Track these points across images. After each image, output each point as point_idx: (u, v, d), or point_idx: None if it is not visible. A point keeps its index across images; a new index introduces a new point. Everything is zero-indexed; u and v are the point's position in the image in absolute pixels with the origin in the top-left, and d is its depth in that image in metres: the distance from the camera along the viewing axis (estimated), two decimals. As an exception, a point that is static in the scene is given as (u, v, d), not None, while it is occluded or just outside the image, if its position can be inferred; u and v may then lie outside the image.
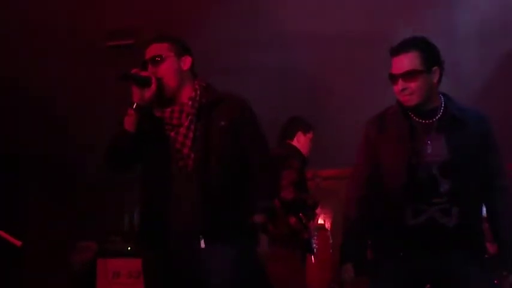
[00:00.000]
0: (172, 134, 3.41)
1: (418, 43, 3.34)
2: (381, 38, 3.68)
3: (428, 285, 3.49)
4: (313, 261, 5.84)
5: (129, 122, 3.36)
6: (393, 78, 3.30)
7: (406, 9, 5.40)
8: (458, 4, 5.57)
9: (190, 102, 3.43)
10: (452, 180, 3.27)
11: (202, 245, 3.34)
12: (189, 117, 3.40)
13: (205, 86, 3.53)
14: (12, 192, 7.14)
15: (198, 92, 3.47)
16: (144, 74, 3.35)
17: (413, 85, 3.27)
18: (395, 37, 3.46)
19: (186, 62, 3.49)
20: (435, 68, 3.31)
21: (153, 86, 3.32)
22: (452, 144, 3.29)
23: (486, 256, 3.53)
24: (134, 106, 3.33)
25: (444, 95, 3.41)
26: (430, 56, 3.32)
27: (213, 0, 5.51)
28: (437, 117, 3.32)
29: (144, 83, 3.31)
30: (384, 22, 5.44)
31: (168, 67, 3.43)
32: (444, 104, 3.37)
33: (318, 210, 5.51)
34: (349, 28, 5.75)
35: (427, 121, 3.33)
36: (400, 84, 3.27)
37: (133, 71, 3.33)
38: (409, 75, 3.27)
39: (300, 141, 5.49)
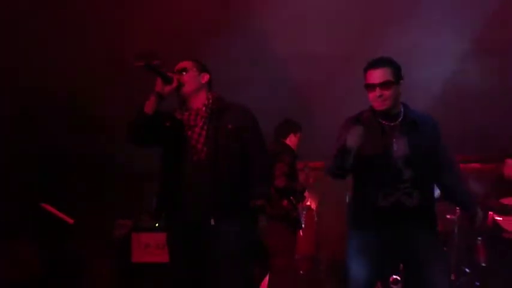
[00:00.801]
0: (189, 132, 3.47)
1: (389, 61, 3.38)
2: (355, 58, 3.67)
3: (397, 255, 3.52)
4: (301, 234, 5.86)
5: (149, 106, 3.41)
6: (371, 86, 3.32)
7: (377, 34, 5.37)
8: (415, 32, 5.51)
9: (204, 108, 3.50)
10: (413, 170, 3.32)
11: (212, 222, 3.39)
12: (203, 120, 3.47)
13: (217, 96, 3.59)
14: (64, 182, 7.14)
15: (211, 101, 3.54)
16: (169, 74, 3.43)
17: (387, 93, 3.30)
18: (368, 56, 3.48)
19: (205, 77, 3.58)
20: (401, 81, 3.35)
21: (174, 84, 3.40)
22: (412, 142, 3.33)
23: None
24: (155, 93, 3.40)
25: (402, 102, 3.44)
26: (397, 71, 3.36)
27: (218, 23, 5.46)
28: (399, 120, 3.34)
29: (167, 79, 3.40)
30: (360, 43, 5.40)
31: (190, 77, 3.51)
32: (404, 110, 3.41)
33: (305, 194, 5.52)
34: (330, 48, 5.71)
35: (392, 124, 3.35)
36: (378, 92, 3.30)
37: (155, 62, 3.40)
38: (385, 84, 3.30)
39: (292, 140, 5.52)
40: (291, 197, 5.25)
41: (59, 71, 5.89)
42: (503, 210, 6.41)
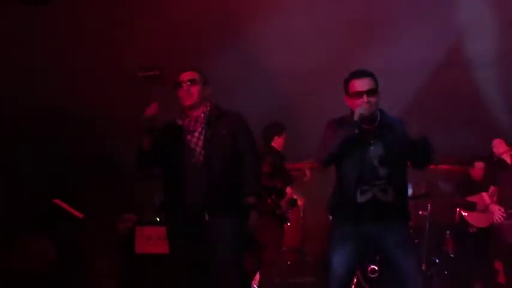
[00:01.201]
0: (188, 137, 3.47)
1: (371, 72, 3.39)
2: (338, 73, 3.66)
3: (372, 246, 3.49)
4: (288, 228, 5.83)
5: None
6: (359, 94, 3.30)
7: (356, 52, 5.35)
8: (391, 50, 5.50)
9: (202, 115, 3.51)
10: (387, 168, 3.29)
11: (207, 217, 3.38)
12: (202, 125, 3.48)
13: (215, 105, 3.60)
14: (75, 181, 7.09)
15: (209, 108, 3.55)
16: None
17: (373, 100, 3.31)
18: (347, 72, 3.46)
19: (208, 89, 3.59)
20: (379, 90, 3.34)
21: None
22: (387, 142, 3.33)
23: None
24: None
25: (379, 108, 3.44)
26: (377, 82, 3.37)
27: (213, 42, 5.41)
28: (376, 124, 3.31)
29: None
30: (340, 60, 5.38)
31: (197, 89, 3.51)
32: (380, 114, 3.40)
33: (287, 191, 5.43)
34: (316, 62, 5.69)
35: (371, 127, 3.30)
36: (365, 98, 3.27)
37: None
38: (371, 92, 3.31)
39: (277, 142, 5.47)
40: (273, 196, 5.20)
41: (60, 72, 5.81)
42: (469, 207, 6.39)
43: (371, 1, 4.95)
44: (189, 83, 3.48)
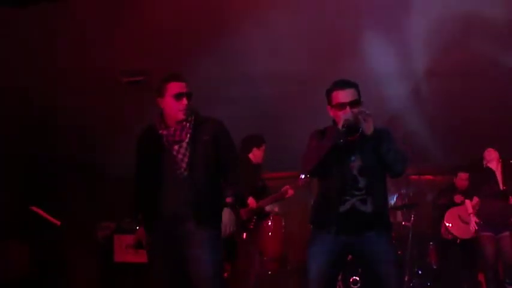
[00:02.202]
0: (175, 147, 3.37)
1: (354, 83, 3.35)
2: (320, 79, 3.65)
3: (350, 256, 3.48)
4: (269, 236, 5.84)
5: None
6: (342, 105, 3.27)
7: (340, 57, 5.36)
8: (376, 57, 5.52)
9: (188, 124, 3.41)
10: (366, 178, 3.26)
11: (190, 227, 3.33)
12: (188, 135, 3.39)
13: (196, 112, 3.50)
14: (52, 186, 7.00)
15: (193, 117, 3.45)
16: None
17: (356, 111, 3.23)
18: (332, 78, 3.45)
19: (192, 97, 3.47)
20: (362, 100, 3.31)
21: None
22: (365, 154, 3.30)
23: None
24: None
25: None
26: (359, 92, 3.34)
27: (194, 44, 5.38)
28: (358, 134, 3.28)
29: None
30: (325, 65, 5.39)
31: (189, 102, 3.41)
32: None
33: (250, 200, 5.39)
34: (300, 67, 5.68)
35: (353, 137, 3.28)
36: (348, 110, 3.24)
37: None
38: (354, 103, 3.27)
39: (255, 154, 5.44)
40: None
41: (47, 76, 5.74)
42: (453, 204, 6.42)
43: (357, 5, 4.94)
44: (188, 96, 3.37)
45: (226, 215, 3.43)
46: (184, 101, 3.36)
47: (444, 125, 6.56)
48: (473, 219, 5.84)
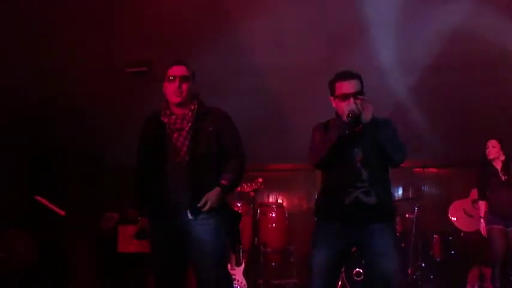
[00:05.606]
0: (175, 135, 3.39)
1: (357, 74, 3.38)
2: (325, 69, 3.66)
3: (354, 248, 3.50)
4: (273, 228, 5.87)
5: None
6: (346, 96, 3.28)
7: (342, 49, 5.36)
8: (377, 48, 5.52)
9: (190, 113, 3.43)
10: (369, 170, 3.29)
11: (190, 216, 3.35)
12: (189, 124, 3.41)
13: (200, 102, 3.53)
14: (57, 177, 7.03)
15: (196, 106, 3.47)
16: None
17: (358, 101, 3.26)
18: (335, 69, 3.46)
19: (195, 85, 3.51)
20: (364, 92, 3.34)
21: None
22: (368, 145, 3.32)
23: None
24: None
25: None
26: (362, 84, 3.36)
27: (201, 36, 5.37)
28: (361, 126, 3.30)
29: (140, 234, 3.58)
30: (327, 57, 5.40)
31: (188, 86, 3.43)
32: None
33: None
34: (305, 58, 5.68)
35: (357, 129, 3.30)
36: (351, 101, 3.26)
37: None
38: (358, 94, 3.28)
39: None
40: None
41: (49, 65, 5.75)
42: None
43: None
44: (181, 79, 3.39)
45: (215, 192, 3.37)
46: (176, 83, 3.37)
47: (447, 117, 6.55)
48: (483, 224, 5.75)
